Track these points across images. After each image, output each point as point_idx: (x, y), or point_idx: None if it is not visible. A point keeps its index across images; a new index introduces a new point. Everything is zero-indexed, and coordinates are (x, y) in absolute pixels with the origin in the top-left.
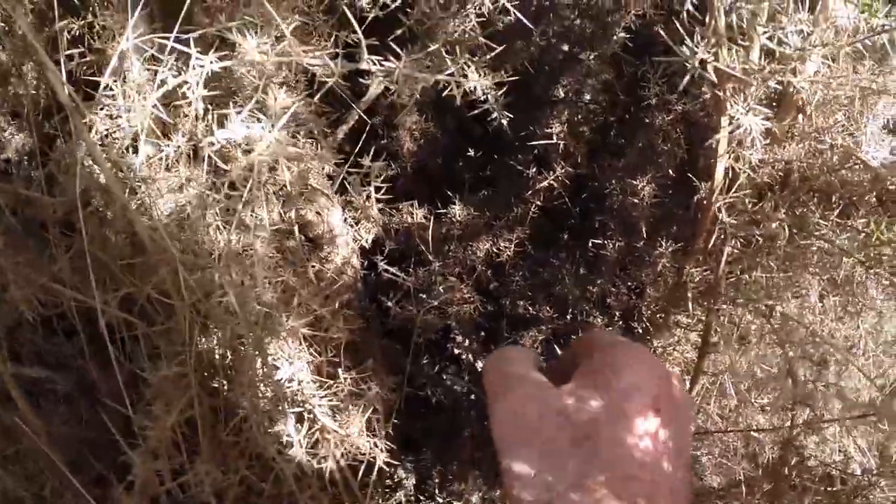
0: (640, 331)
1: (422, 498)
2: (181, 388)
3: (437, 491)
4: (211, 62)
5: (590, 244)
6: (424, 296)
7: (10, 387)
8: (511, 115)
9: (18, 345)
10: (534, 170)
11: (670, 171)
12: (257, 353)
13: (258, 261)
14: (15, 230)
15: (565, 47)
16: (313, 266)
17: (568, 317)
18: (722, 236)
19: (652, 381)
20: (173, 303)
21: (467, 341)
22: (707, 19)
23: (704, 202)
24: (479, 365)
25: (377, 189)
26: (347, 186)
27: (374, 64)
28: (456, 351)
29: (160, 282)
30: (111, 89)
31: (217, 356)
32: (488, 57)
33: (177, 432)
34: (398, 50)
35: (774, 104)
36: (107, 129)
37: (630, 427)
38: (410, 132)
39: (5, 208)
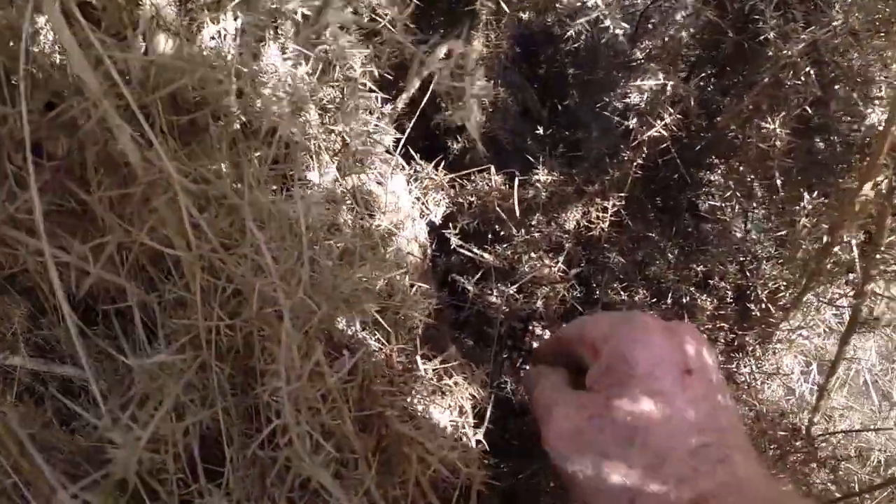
0: (758, 313)
1: None
2: (193, 380)
3: None
4: None
5: (706, 206)
6: (497, 281)
7: None
8: (626, 26)
9: (44, 340)
10: (634, 120)
11: (808, 110)
12: (306, 331)
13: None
14: None
15: None
16: (378, 226)
17: (668, 300)
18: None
19: (668, 349)
20: (177, 254)
21: (548, 333)
22: None
23: (880, 128)
24: None
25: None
26: (413, 156)
27: None
28: (535, 344)
29: (159, 224)
30: None
31: (242, 336)
32: None
33: (189, 447)
34: None
35: None
36: None
37: (671, 404)
38: (479, 100)
39: None
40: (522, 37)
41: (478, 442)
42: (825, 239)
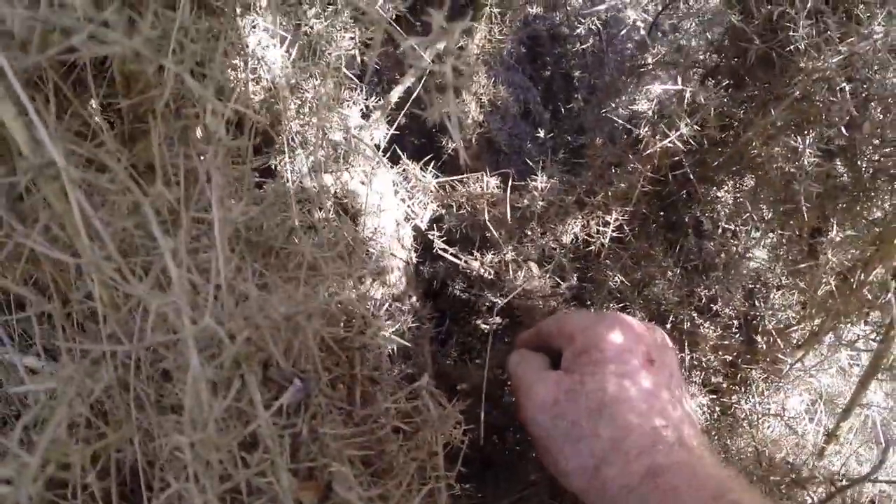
0: (764, 347)
1: None
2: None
3: None
4: None
5: (714, 226)
6: (485, 291)
7: None
8: (646, 16)
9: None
10: (646, 129)
11: (843, 130)
12: (220, 365)
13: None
14: None
15: None
16: (343, 223)
17: (668, 325)
18: None
19: (635, 340)
20: (63, 258)
21: None
22: None
23: None
24: None
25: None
26: (400, 155)
27: None
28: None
29: (53, 220)
30: None
31: (150, 363)
32: None
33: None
34: None
35: None
36: None
37: (637, 385)
38: (477, 98)
39: None
40: (528, 37)
41: (449, 486)
42: (856, 276)
